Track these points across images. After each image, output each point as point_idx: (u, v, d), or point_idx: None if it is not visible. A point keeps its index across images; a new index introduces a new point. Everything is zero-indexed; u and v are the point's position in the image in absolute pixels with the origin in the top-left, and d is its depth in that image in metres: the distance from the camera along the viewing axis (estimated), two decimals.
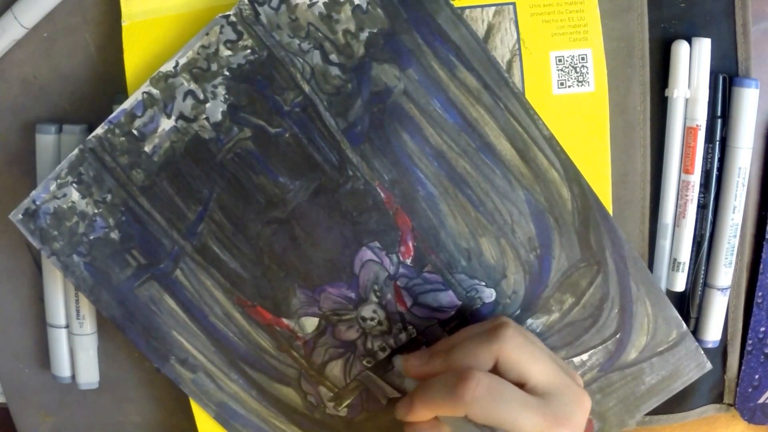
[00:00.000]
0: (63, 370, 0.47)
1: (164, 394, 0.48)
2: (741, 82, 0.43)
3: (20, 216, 0.40)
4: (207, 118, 0.40)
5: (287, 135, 0.40)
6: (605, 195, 0.43)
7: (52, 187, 0.40)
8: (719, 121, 0.44)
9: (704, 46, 0.43)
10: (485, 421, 0.34)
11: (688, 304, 0.46)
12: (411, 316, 0.42)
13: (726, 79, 0.44)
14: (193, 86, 0.40)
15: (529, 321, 0.43)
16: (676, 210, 0.45)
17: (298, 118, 0.40)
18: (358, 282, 0.42)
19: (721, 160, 0.44)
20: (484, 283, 0.42)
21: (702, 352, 0.43)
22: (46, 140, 0.44)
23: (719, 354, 0.47)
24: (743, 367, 0.47)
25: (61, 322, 0.46)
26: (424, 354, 0.39)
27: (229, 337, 0.43)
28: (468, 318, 0.42)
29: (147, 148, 0.40)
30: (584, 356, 0.43)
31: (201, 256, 0.41)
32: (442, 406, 0.35)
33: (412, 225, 0.41)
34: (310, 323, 0.42)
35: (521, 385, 0.36)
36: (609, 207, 0.43)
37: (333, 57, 0.40)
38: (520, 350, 0.36)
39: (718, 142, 0.44)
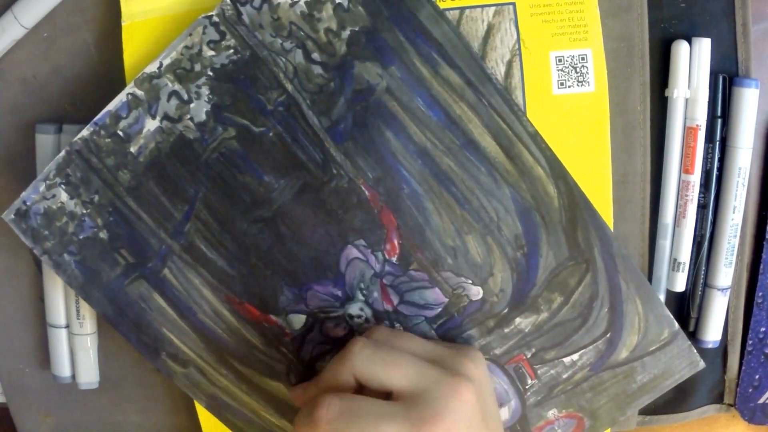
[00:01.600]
0: (63, 370, 0.49)
1: (164, 394, 0.50)
2: (741, 82, 0.44)
3: (12, 216, 0.42)
4: (191, 118, 0.41)
5: (271, 134, 0.41)
6: (605, 195, 0.43)
7: (42, 188, 0.42)
8: (719, 121, 0.44)
9: (704, 46, 0.43)
10: None
11: (689, 304, 0.47)
12: (398, 314, 0.43)
13: (726, 79, 0.44)
14: (177, 87, 0.41)
15: (518, 320, 0.43)
16: (676, 210, 0.45)
17: (282, 117, 0.41)
18: (344, 280, 0.43)
19: (721, 160, 0.45)
20: (470, 281, 0.43)
21: (695, 350, 0.44)
22: (46, 140, 0.45)
23: (719, 354, 0.48)
24: (743, 368, 0.48)
25: (61, 322, 0.48)
26: (307, 383, 0.41)
27: (218, 333, 0.44)
28: (455, 315, 0.43)
29: (133, 149, 0.42)
30: (575, 356, 0.44)
31: (188, 254, 0.43)
32: None
33: (398, 223, 0.42)
34: (298, 320, 0.44)
35: (388, 395, 0.36)
36: (609, 207, 0.44)
37: (315, 56, 0.41)
38: (370, 362, 0.37)
39: (718, 142, 0.44)
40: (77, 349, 0.48)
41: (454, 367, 0.38)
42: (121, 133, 0.42)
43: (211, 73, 0.41)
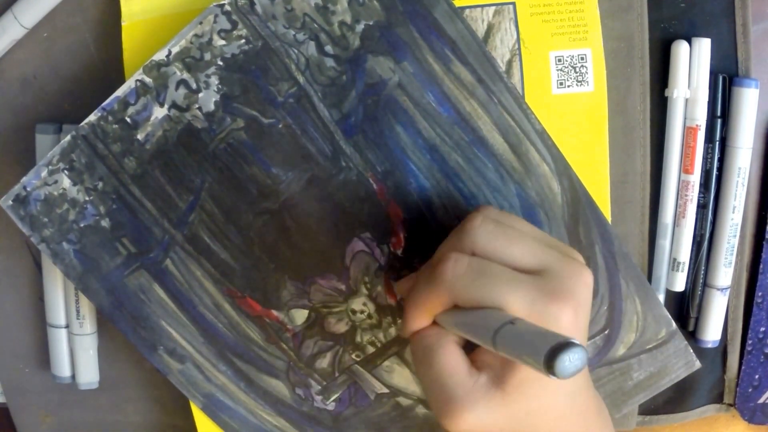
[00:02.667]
0: (63, 370, 0.48)
1: (164, 394, 0.50)
2: (741, 82, 0.45)
3: (10, 202, 0.41)
4: (200, 108, 0.42)
5: (281, 126, 0.42)
6: (603, 195, 0.45)
7: (43, 173, 0.41)
8: (719, 121, 0.46)
9: (704, 46, 0.45)
10: (473, 302, 0.33)
11: (688, 304, 0.48)
12: (401, 310, 0.44)
13: (726, 79, 0.45)
14: (185, 75, 0.41)
15: None
16: (676, 210, 0.46)
17: (292, 108, 0.42)
18: (348, 274, 0.43)
19: (721, 160, 0.46)
20: None
21: (691, 350, 0.45)
22: (46, 140, 0.45)
23: (719, 354, 0.49)
24: (743, 367, 0.49)
25: (61, 322, 0.47)
26: (412, 274, 0.40)
27: (218, 327, 0.44)
28: None
29: (140, 136, 0.42)
30: None
31: (191, 245, 0.43)
32: (429, 298, 0.35)
33: (404, 216, 0.43)
34: (300, 315, 0.44)
35: None
36: (608, 206, 0.45)
37: (328, 48, 0.41)
38: (493, 236, 0.35)
39: (717, 142, 0.46)
40: (77, 349, 0.48)
41: (570, 254, 0.36)
42: (128, 119, 0.41)
43: (221, 63, 0.41)
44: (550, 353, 0.27)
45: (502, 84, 0.42)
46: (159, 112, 0.41)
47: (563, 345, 0.27)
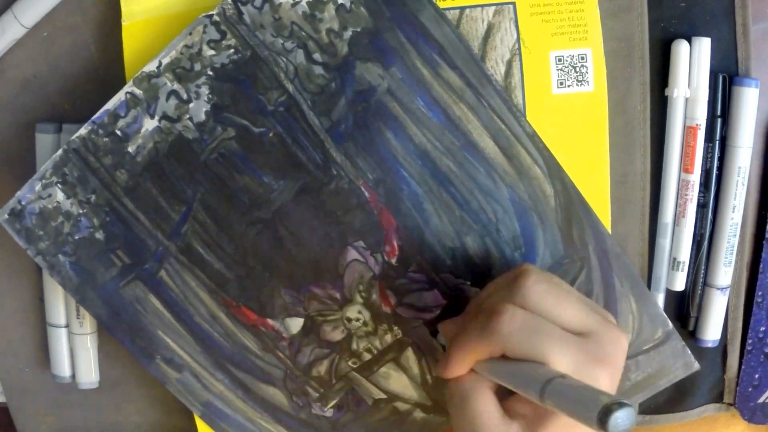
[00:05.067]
0: (63, 369, 0.49)
1: (164, 394, 0.49)
2: (741, 82, 0.45)
3: (6, 216, 0.42)
4: (190, 118, 0.42)
5: (271, 134, 0.42)
6: (604, 194, 0.44)
7: (37, 187, 0.42)
8: (719, 120, 0.45)
9: (704, 45, 0.44)
10: (523, 355, 0.34)
11: (688, 304, 0.48)
12: (396, 317, 0.44)
13: (726, 79, 0.45)
14: (176, 86, 0.41)
15: None
16: (676, 209, 0.46)
17: (282, 117, 0.42)
18: (342, 282, 0.43)
19: (721, 159, 0.46)
20: (469, 282, 0.43)
21: (689, 351, 0.45)
22: (46, 140, 0.46)
23: (719, 353, 0.49)
24: (743, 367, 0.49)
25: (61, 321, 0.48)
26: (457, 318, 0.41)
27: (215, 337, 0.44)
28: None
29: (131, 149, 0.42)
30: None
31: (185, 256, 0.43)
32: (479, 345, 0.36)
33: (397, 224, 0.43)
34: (295, 324, 0.44)
35: None
36: (607, 206, 0.45)
37: (317, 56, 0.41)
38: (544, 297, 0.36)
39: (718, 142, 0.46)
40: (77, 348, 0.48)
41: (609, 318, 0.38)
42: (119, 132, 0.42)
43: (211, 73, 0.41)
44: (604, 410, 0.28)
45: (491, 87, 0.42)
46: (149, 124, 0.42)
47: (617, 404, 0.28)
